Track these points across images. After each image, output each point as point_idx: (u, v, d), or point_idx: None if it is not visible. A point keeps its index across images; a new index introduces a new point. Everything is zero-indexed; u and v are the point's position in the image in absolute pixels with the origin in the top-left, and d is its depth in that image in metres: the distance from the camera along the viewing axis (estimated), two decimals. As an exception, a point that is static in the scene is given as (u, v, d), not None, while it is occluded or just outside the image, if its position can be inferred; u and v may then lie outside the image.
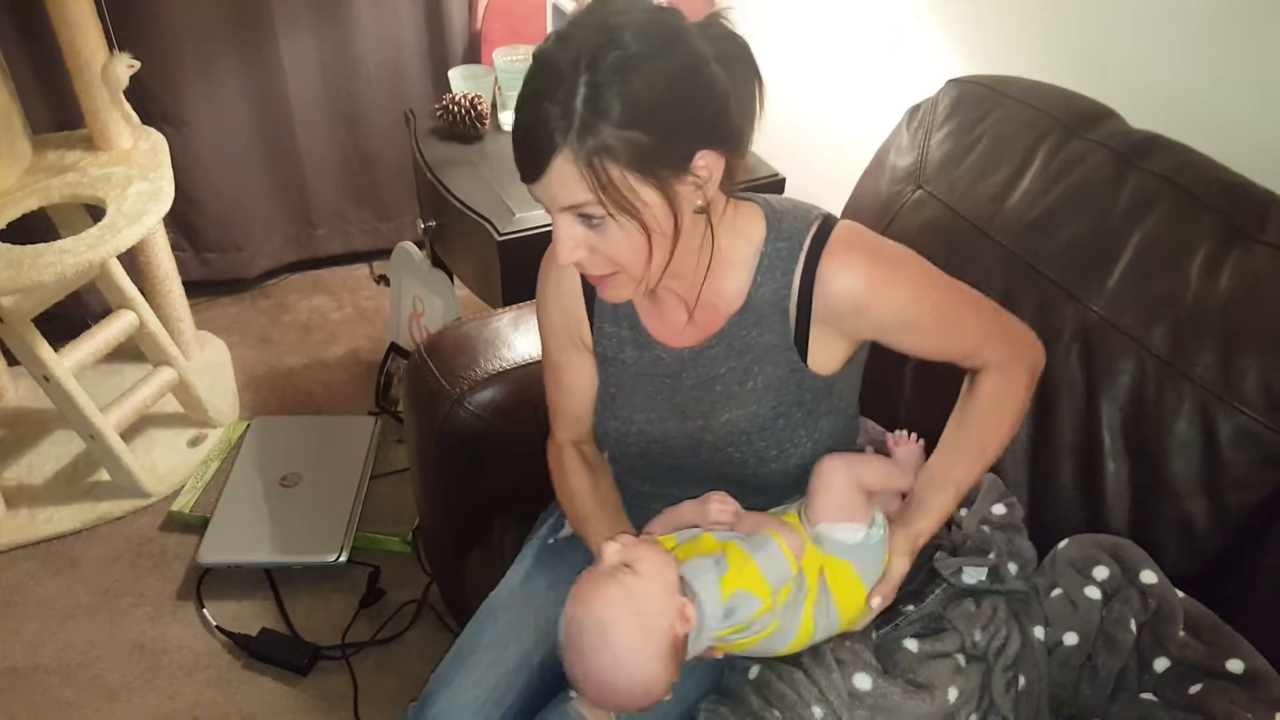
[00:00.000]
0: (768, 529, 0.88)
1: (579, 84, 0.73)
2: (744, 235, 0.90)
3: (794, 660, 0.93)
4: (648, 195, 0.77)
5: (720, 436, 0.95)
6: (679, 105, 0.76)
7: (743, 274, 0.90)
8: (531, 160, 0.76)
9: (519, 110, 0.77)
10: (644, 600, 0.81)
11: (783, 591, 0.85)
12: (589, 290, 0.99)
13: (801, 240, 0.89)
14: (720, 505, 0.91)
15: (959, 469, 0.95)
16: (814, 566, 0.88)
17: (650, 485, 1.03)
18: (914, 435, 1.05)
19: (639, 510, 1.04)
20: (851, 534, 0.88)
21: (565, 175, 0.75)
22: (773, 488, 0.95)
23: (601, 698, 0.83)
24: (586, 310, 0.99)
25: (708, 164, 0.79)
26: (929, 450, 0.99)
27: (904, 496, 0.97)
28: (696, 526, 0.91)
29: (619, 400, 0.99)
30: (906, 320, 0.91)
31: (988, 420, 0.95)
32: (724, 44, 0.79)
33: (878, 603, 0.90)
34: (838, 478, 0.90)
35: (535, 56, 0.77)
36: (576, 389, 1.03)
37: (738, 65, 0.80)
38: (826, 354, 0.92)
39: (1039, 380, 0.97)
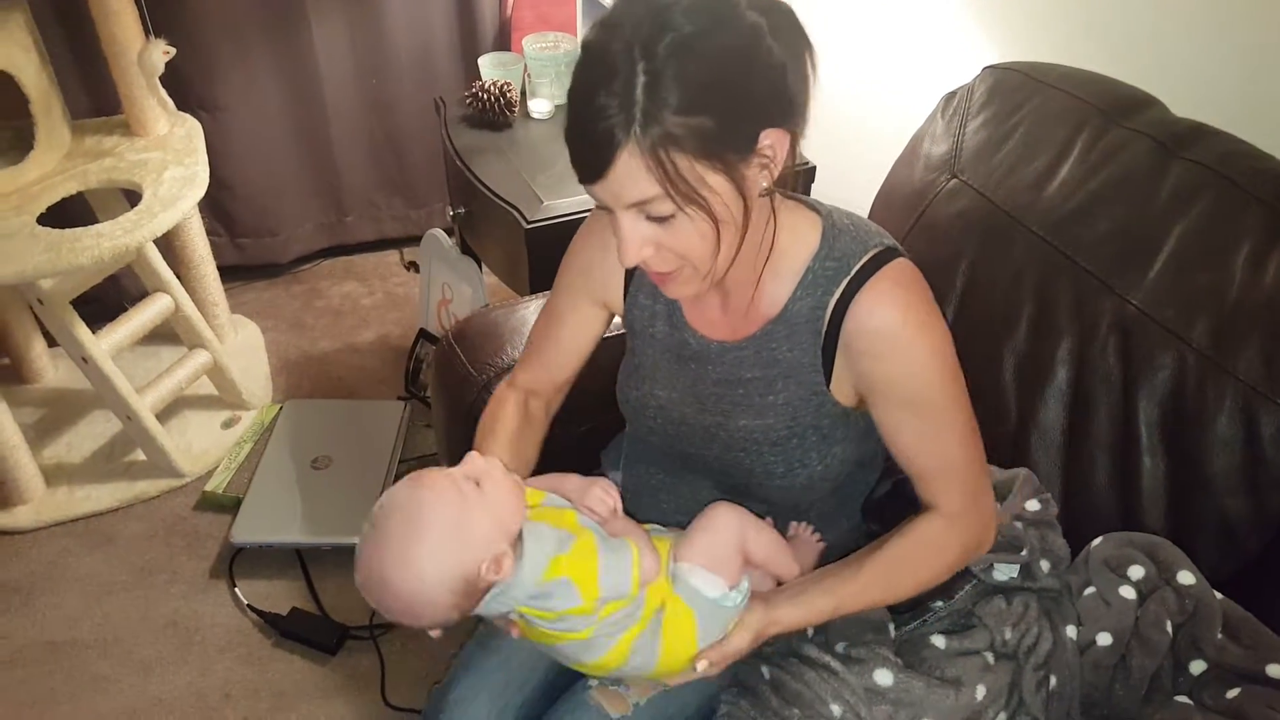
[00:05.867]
0: (631, 540, 0.83)
1: (636, 73, 0.69)
2: (799, 241, 0.87)
3: (806, 661, 0.92)
4: (716, 182, 0.74)
5: (734, 439, 0.93)
6: (740, 83, 0.72)
7: (787, 283, 0.88)
8: (593, 159, 0.72)
9: (573, 108, 0.73)
10: (470, 520, 0.75)
11: (610, 605, 0.80)
12: None
13: (851, 265, 0.85)
14: (602, 494, 0.86)
15: (851, 591, 0.87)
16: (656, 600, 0.83)
17: (662, 475, 1.03)
18: (817, 535, 0.99)
19: (649, 502, 1.04)
20: (711, 588, 0.83)
21: (631, 171, 0.71)
22: (774, 503, 0.93)
23: (368, 589, 0.77)
24: (625, 276, 0.97)
25: (773, 142, 0.76)
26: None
27: (779, 583, 0.91)
28: (570, 501, 0.86)
29: (642, 372, 0.98)
30: (912, 389, 0.85)
31: (907, 563, 0.89)
32: (773, 14, 0.75)
33: (703, 666, 0.83)
34: (724, 527, 0.86)
35: (585, 48, 0.73)
36: (565, 340, 1.02)
37: (789, 34, 0.76)
38: (846, 387, 0.89)
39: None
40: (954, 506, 0.89)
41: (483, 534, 0.75)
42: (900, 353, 0.84)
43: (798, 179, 1.64)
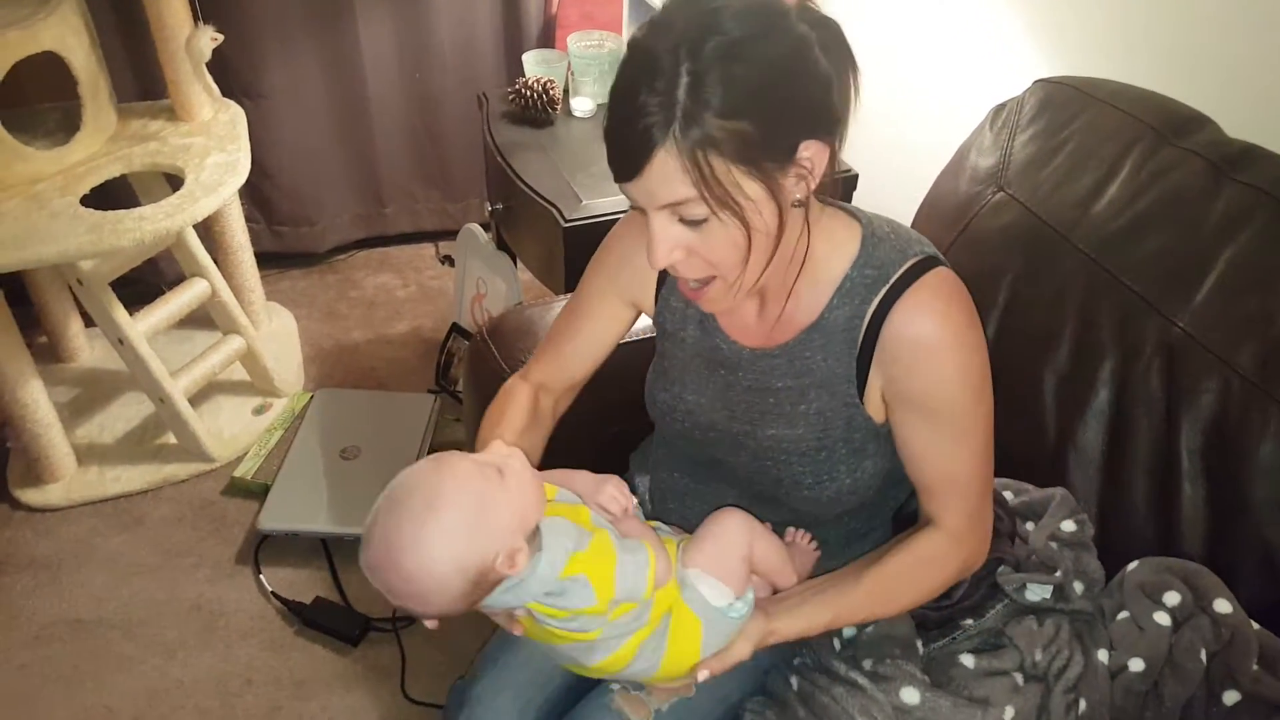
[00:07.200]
0: (645, 541, 0.82)
1: (680, 72, 0.69)
2: (837, 249, 0.86)
3: (834, 676, 0.91)
4: (751, 189, 0.74)
5: (762, 447, 0.92)
6: (784, 91, 0.72)
7: (824, 291, 0.87)
8: (629, 157, 0.72)
9: (613, 104, 0.73)
10: (491, 508, 0.72)
11: (621, 607, 0.78)
12: None
13: (890, 273, 0.84)
14: (614, 493, 0.84)
15: (849, 604, 0.87)
16: (664, 604, 0.82)
17: (689, 480, 1.02)
18: (813, 542, 0.97)
19: (675, 506, 1.03)
20: (719, 596, 0.82)
21: (667, 171, 0.71)
22: (801, 513, 0.92)
23: (376, 569, 0.73)
24: (658, 277, 0.97)
25: (812, 154, 0.76)
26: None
27: (774, 592, 0.91)
28: (582, 499, 0.85)
29: (671, 374, 0.98)
30: (935, 400, 0.84)
31: (907, 579, 0.88)
32: (823, 29, 0.75)
33: (703, 675, 0.83)
34: (733, 534, 0.85)
35: (630, 45, 0.73)
36: (587, 336, 1.01)
37: (837, 51, 0.76)
38: (878, 399, 0.88)
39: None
40: (958, 525, 0.88)
41: (502, 524, 0.73)
42: (930, 364, 0.83)
43: (838, 186, 1.63)
